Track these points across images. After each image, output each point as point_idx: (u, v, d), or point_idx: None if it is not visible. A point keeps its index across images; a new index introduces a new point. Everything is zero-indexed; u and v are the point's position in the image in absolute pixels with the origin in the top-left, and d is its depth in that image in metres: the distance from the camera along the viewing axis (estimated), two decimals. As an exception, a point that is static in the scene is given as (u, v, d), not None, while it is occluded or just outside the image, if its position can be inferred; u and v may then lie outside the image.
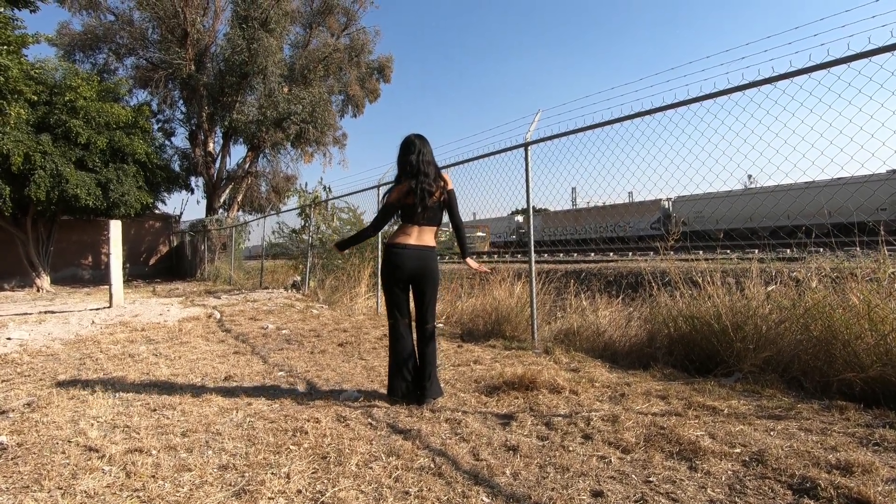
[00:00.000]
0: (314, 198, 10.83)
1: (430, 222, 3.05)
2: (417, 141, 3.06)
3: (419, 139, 3.08)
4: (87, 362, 4.34)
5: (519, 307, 5.27)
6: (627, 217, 26.69)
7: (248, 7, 15.90)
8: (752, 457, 2.08)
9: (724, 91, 3.58)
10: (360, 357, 4.41)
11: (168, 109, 19.61)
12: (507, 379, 3.26)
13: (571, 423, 2.58)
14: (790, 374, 3.18)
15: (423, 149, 3.03)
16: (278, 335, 5.56)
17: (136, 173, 13.81)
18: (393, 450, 2.31)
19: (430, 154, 3.07)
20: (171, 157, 19.03)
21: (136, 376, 3.81)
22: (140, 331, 5.89)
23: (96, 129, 12.70)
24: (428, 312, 3.07)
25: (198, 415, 2.87)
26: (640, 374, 3.58)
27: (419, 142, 3.06)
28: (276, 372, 3.93)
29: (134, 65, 18.65)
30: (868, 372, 2.79)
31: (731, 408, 2.71)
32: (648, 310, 4.39)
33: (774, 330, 3.39)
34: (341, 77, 20.21)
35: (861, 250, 4.06)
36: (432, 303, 3.09)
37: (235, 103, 17.40)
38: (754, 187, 8.16)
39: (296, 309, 7.60)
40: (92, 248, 18.70)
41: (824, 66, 3.10)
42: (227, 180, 19.53)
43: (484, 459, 2.20)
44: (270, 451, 2.32)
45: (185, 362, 4.28)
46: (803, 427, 2.40)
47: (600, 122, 4.41)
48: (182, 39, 16.79)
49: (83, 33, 17.61)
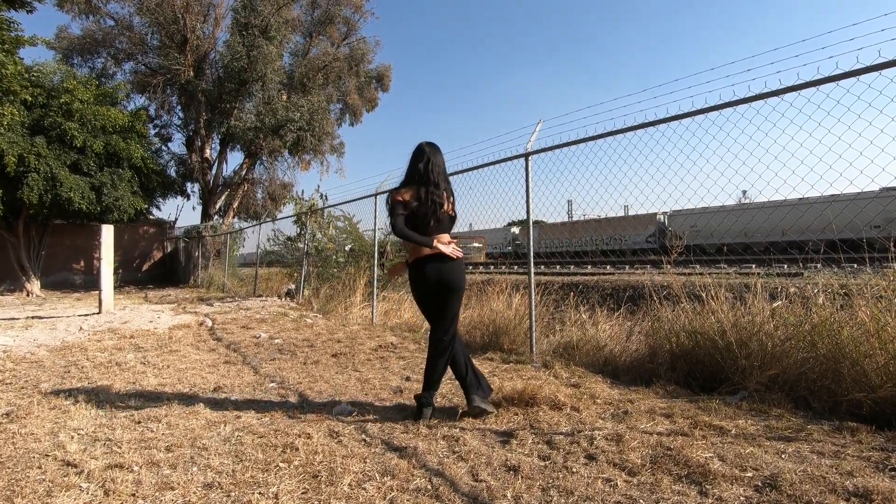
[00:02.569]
0: (310, 206, 10.74)
1: (443, 233, 2.94)
2: (428, 149, 2.96)
3: (430, 147, 2.98)
4: (72, 370, 4.21)
5: (517, 320, 5.17)
6: (623, 230, 26.75)
7: (248, 14, 15.93)
8: (765, 482, 1.99)
9: (717, 106, 3.57)
10: (354, 368, 4.29)
11: (166, 115, 19.59)
12: (507, 394, 3.15)
13: (574, 442, 2.48)
14: (797, 392, 3.09)
15: (434, 158, 2.94)
16: (271, 344, 5.43)
17: (131, 178, 13.67)
18: (388, 469, 2.20)
19: (441, 164, 2.97)
20: (167, 162, 18.94)
21: (121, 386, 3.68)
22: (129, 338, 5.74)
23: (92, 133, 12.58)
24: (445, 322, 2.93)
25: (184, 428, 2.74)
26: (642, 390, 3.48)
27: (430, 150, 2.96)
28: (268, 383, 3.80)
29: (132, 70, 18.63)
30: (878, 392, 2.71)
31: (739, 428, 2.61)
32: (650, 324, 4.31)
33: (780, 347, 3.31)
34: (340, 86, 20.24)
35: (867, 267, 4.00)
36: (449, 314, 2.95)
37: (233, 110, 17.35)
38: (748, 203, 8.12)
39: (289, 318, 7.47)
40: (84, 252, 18.48)
41: (814, 84, 3.09)
42: (224, 187, 19.43)
43: (483, 480, 2.09)
44: (258, 469, 2.20)
45: (174, 372, 4.15)
46: (815, 450, 2.31)
47: (602, 132, 4.36)
48: (181, 45, 16.77)
49: (82, 37, 17.58)
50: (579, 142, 4.53)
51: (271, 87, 16.57)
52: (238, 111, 17.37)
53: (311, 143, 18.11)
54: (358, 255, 9.67)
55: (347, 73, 20.10)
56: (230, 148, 19.40)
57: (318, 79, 18.58)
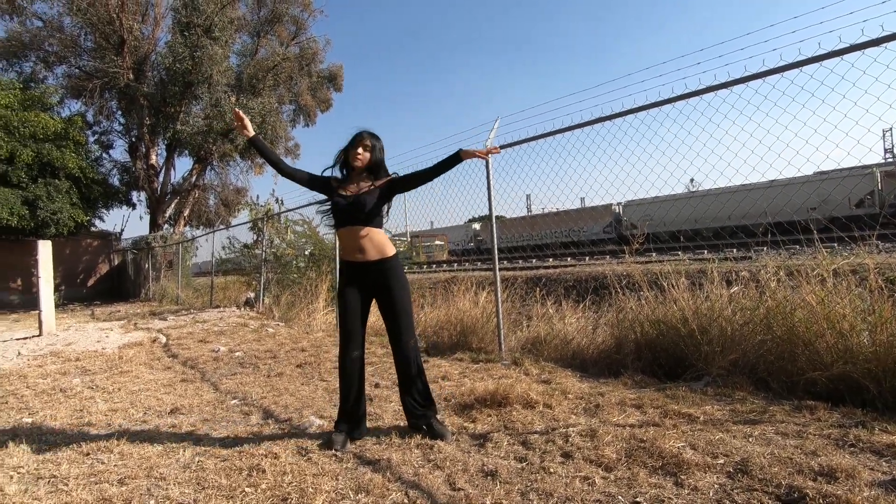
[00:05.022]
0: (266, 211, 10.41)
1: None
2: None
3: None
4: (10, 400, 3.87)
5: (484, 318, 5.15)
6: (581, 222, 27.32)
7: (190, 14, 15.24)
8: (736, 467, 2.03)
9: (671, 99, 3.66)
10: (321, 378, 4.15)
11: (105, 121, 18.54)
12: (479, 395, 3.12)
13: (549, 441, 2.46)
14: (757, 374, 3.21)
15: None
16: (231, 358, 5.20)
17: (69, 189, 12.86)
18: (361, 485, 2.11)
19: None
20: (109, 170, 17.98)
21: (67, 414, 3.41)
22: (74, 361, 5.36)
23: (20, 141, 11.70)
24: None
25: (138, 457, 2.55)
26: (611, 382, 3.52)
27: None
28: (229, 400, 3.62)
29: (66, 73, 17.50)
30: (832, 370, 2.83)
31: (707, 414, 2.67)
32: (614, 315, 4.38)
33: (739, 332, 3.42)
34: (292, 86, 19.72)
35: (804, 248, 4.20)
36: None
37: (179, 114, 16.59)
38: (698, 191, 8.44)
39: (250, 328, 7.19)
40: (21, 270, 17.21)
41: (759, 76, 3.22)
42: (173, 194, 18.57)
43: (461, 489, 2.04)
44: (223, 497, 2.07)
45: (126, 395, 3.90)
46: (779, 431, 2.38)
47: (559, 128, 4.40)
48: (119, 47, 15.86)
49: (6, 40, 16.35)
50: (536, 138, 4.55)
51: (219, 89, 15.94)
52: (184, 115, 16.61)
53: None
54: (319, 259, 9.43)
55: (299, 74, 19.61)
56: (178, 153, 18.57)
57: (269, 80, 18.01)
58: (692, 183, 8.87)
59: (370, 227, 2.72)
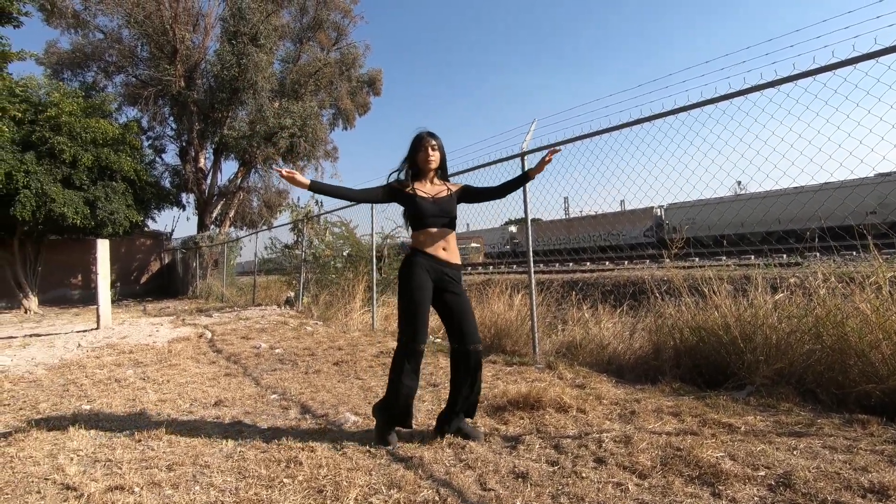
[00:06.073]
0: (306, 212, 10.70)
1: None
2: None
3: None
4: (71, 389, 4.15)
5: (519, 321, 5.13)
6: (620, 225, 26.71)
7: (237, 23, 15.87)
8: (779, 480, 1.95)
9: (714, 99, 3.53)
10: (356, 376, 4.25)
11: (158, 126, 19.52)
12: (512, 398, 3.12)
13: (582, 446, 2.44)
14: (804, 385, 3.06)
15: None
16: (271, 355, 5.38)
17: (125, 191, 13.59)
18: (394, 481, 2.15)
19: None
20: (161, 173, 18.89)
21: (121, 403, 3.63)
22: (128, 353, 5.69)
23: (82, 146, 12.46)
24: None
25: (185, 445, 2.70)
26: (648, 388, 3.45)
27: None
28: (269, 395, 3.76)
29: (123, 82, 18.58)
30: (887, 383, 2.68)
31: (748, 424, 2.58)
32: (653, 321, 4.27)
33: (785, 340, 3.27)
34: (332, 91, 20.21)
35: (863, 253, 3.97)
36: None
37: (226, 119, 17.30)
38: (745, 193, 8.14)
39: (289, 326, 7.42)
40: (81, 267, 18.38)
41: (809, 74, 3.06)
42: (219, 196, 19.36)
43: (492, 489, 2.05)
44: (262, 486, 2.16)
45: (174, 386, 4.10)
46: (827, 445, 2.28)
47: (597, 130, 4.33)
48: (172, 56, 16.69)
49: (71, 51, 17.51)
50: (574, 140, 4.50)
51: (263, 95, 16.51)
52: (231, 120, 17.32)
53: (305, 149, 18.05)
54: (356, 260, 9.62)
55: (339, 78, 20.08)
56: (224, 157, 19.34)
57: (310, 85, 18.53)
58: (739, 185, 8.50)
59: (453, 232, 2.80)
